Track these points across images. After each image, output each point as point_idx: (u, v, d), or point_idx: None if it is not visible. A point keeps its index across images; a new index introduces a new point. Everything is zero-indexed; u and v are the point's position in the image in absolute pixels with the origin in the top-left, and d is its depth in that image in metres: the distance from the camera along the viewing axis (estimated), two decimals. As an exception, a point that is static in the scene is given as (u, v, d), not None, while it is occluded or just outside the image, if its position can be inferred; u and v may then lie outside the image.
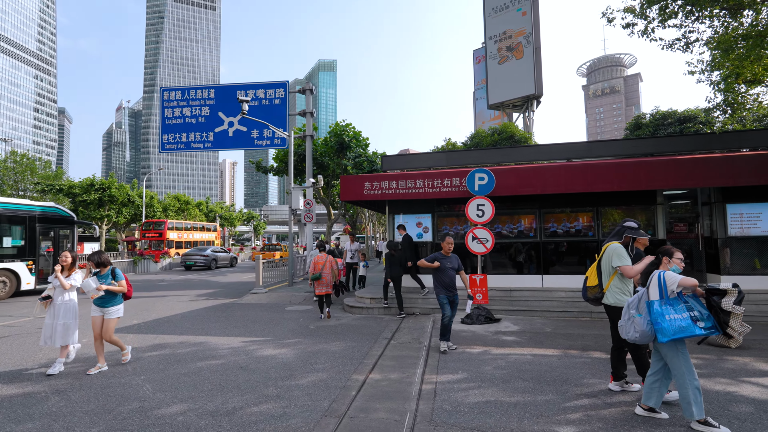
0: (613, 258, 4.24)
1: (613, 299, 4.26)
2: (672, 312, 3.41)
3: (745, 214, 8.37)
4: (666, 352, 3.51)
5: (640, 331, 3.52)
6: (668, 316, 3.38)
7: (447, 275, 6.03)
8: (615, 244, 4.34)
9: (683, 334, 3.31)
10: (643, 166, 8.42)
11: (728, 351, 5.65)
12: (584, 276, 4.66)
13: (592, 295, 4.52)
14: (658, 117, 17.33)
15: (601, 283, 4.39)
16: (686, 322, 3.35)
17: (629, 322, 3.68)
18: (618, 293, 4.24)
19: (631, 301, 3.74)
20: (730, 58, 7.96)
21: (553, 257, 9.39)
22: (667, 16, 9.10)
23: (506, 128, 19.54)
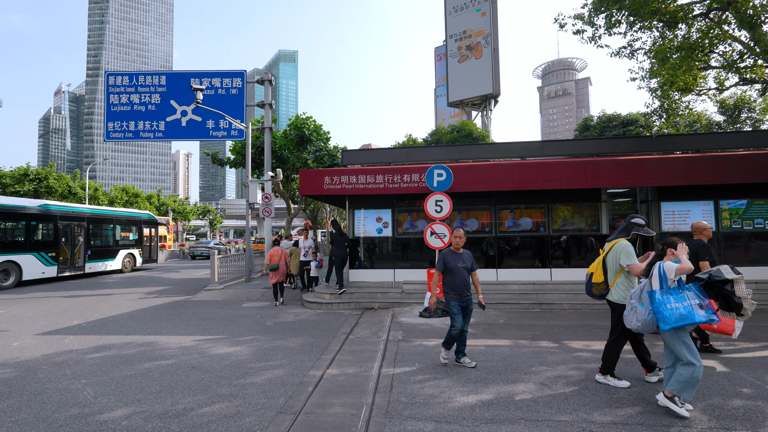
0: (621, 256, 4.26)
1: (618, 296, 4.30)
2: (673, 301, 3.53)
3: (677, 211, 9.13)
4: (669, 340, 3.63)
5: (642, 320, 3.66)
6: (669, 305, 3.51)
7: (459, 276, 5.00)
8: (623, 241, 4.34)
9: (684, 321, 3.43)
10: (589, 165, 8.94)
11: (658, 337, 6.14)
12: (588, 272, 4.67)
13: (597, 292, 4.53)
14: (605, 120, 18.47)
15: (606, 279, 4.42)
16: (687, 310, 3.46)
17: (632, 311, 3.80)
18: (624, 290, 4.27)
19: (634, 291, 3.87)
20: (665, 67, 8.60)
21: (507, 252, 9.78)
22: (612, 24, 9.69)
23: (465, 126, 20.02)
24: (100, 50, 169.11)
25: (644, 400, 3.90)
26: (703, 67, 9.15)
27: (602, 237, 9.54)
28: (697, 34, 8.81)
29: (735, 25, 8.32)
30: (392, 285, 9.75)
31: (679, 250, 3.70)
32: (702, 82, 9.58)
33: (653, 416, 3.57)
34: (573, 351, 5.55)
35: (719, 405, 3.78)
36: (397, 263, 9.97)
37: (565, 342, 6.00)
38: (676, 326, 3.46)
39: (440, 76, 45.09)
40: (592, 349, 5.60)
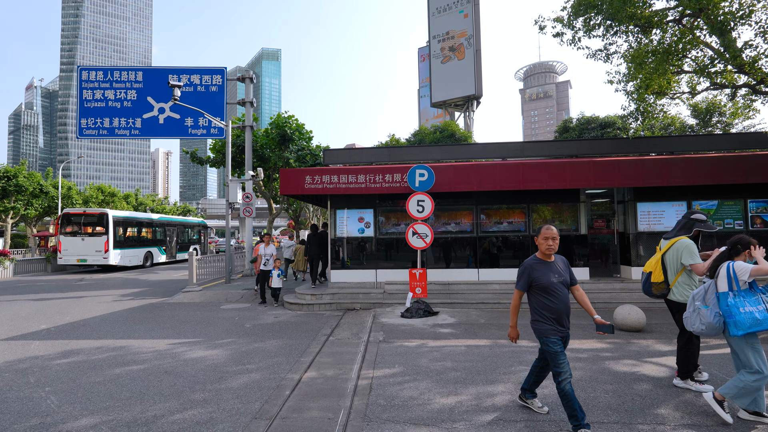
0: (684, 254, 4.10)
1: (681, 296, 4.16)
2: (747, 304, 3.26)
3: (652, 212, 9.35)
4: (738, 346, 3.35)
5: (707, 324, 3.39)
6: (742, 309, 3.25)
7: (557, 296, 3.40)
8: (685, 239, 4.18)
9: (759, 327, 3.17)
10: (568, 166, 9.08)
11: (634, 335, 6.27)
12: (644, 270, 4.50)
13: (658, 292, 4.33)
14: (583, 122, 18.86)
15: (667, 278, 4.24)
16: (762, 314, 3.20)
17: (695, 313, 3.53)
18: (687, 289, 4.13)
19: (697, 292, 3.59)
20: (641, 71, 8.78)
21: (489, 252, 9.85)
22: (590, 27, 9.84)
23: (448, 126, 20.13)
24: (74, 45, 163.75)
25: (620, 398, 3.95)
26: (676, 71, 9.37)
27: (583, 236, 9.70)
28: (671, 39, 9.02)
29: (706, 31, 8.55)
30: (374, 285, 9.69)
31: (757, 251, 3.41)
32: (676, 86, 9.81)
33: (629, 415, 3.62)
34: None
35: (690, 401, 3.85)
36: (380, 263, 9.92)
37: (544, 341, 6.05)
38: (750, 331, 3.20)
39: (424, 76, 45.32)
40: (570, 348, 5.60)
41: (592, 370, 4.76)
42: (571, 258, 9.60)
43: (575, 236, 9.70)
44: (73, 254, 19.18)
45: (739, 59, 7.97)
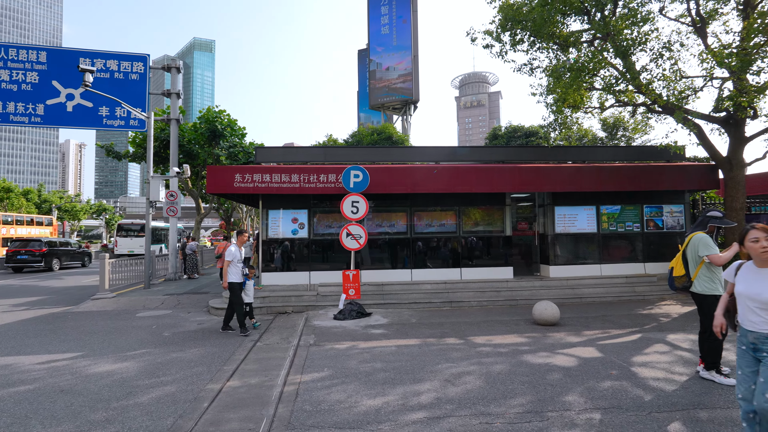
0: (699, 247, 4.40)
1: (701, 287, 4.41)
2: None
3: (567, 215, 10.20)
4: None
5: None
6: None
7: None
8: (700, 234, 4.49)
9: None
10: (496, 171, 9.60)
11: (550, 329, 6.77)
12: (669, 266, 4.81)
13: (680, 285, 4.61)
14: (510, 130, 20.17)
15: (688, 272, 4.52)
16: None
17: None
18: (707, 281, 4.38)
19: None
20: (559, 85, 9.54)
21: (421, 253, 10.08)
22: (516, 42, 10.51)
23: (386, 129, 20.39)
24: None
25: (534, 389, 4.21)
26: (588, 87, 10.33)
27: (508, 238, 10.30)
28: (585, 58, 9.92)
29: (612, 53, 9.54)
30: (308, 288, 9.48)
31: None
32: (588, 101, 10.81)
33: (541, 404, 3.87)
34: (476, 346, 5.85)
35: (593, 387, 4.23)
36: (313, 265, 9.72)
37: (470, 338, 6.31)
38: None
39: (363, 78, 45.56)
40: (493, 344, 5.96)
41: (511, 363, 5.04)
42: (498, 258, 10.15)
43: (502, 237, 10.27)
44: None
45: (637, 81, 8.98)
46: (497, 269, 10.02)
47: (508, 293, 9.33)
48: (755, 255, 2.83)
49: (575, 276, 9.95)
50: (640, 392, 4.08)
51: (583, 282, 9.76)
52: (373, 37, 32.29)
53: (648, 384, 4.30)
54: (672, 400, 3.90)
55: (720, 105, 8.73)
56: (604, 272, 10.05)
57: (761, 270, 2.82)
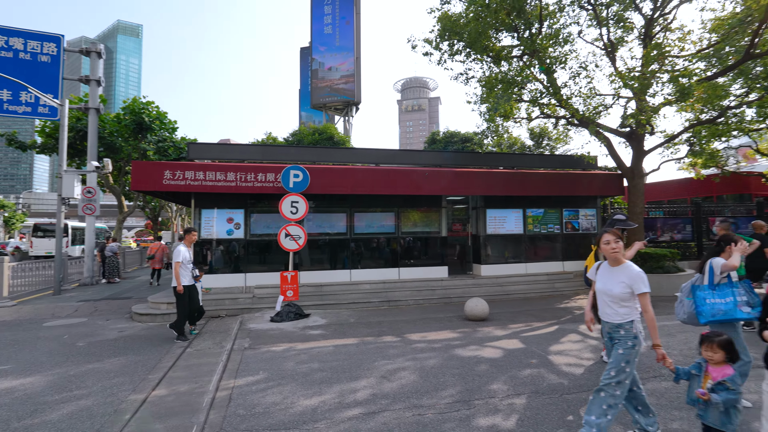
0: None
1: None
2: (713, 297, 3.51)
3: (497, 217, 10.90)
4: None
5: (688, 313, 3.68)
6: (708, 300, 3.51)
7: None
8: None
9: (722, 317, 3.42)
10: (433, 174, 9.99)
11: (480, 323, 7.21)
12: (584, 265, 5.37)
13: None
14: (448, 135, 21.07)
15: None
16: (728, 306, 3.43)
17: (680, 304, 3.80)
18: None
19: (684, 286, 3.86)
20: (491, 96, 10.18)
21: (360, 253, 10.20)
22: (454, 52, 11.02)
23: (327, 129, 20.27)
24: None
25: (464, 380, 4.49)
26: (518, 99, 11.14)
27: (443, 239, 10.75)
28: (515, 72, 10.70)
29: (538, 69, 10.40)
30: (243, 290, 9.16)
31: (734, 248, 3.80)
32: (517, 111, 11.65)
33: (469, 393, 4.13)
34: (412, 343, 6.07)
35: (515, 375, 4.61)
36: (250, 267, 9.41)
37: (407, 335, 6.53)
38: (713, 321, 3.47)
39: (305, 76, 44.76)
40: (427, 340, 6.22)
41: (444, 357, 5.31)
42: (434, 258, 10.57)
43: (438, 238, 10.71)
44: None
45: (558, 95, 9.86)
46: (433, 269, 10.43)
47: (442, 291, 9.76)
48: (607, 255, 3.20)
49: (504, 274, 10.67)
50: (555, 377, 4.53)
51: (511, 279, 10.49)
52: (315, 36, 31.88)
53: (561, 370, 4.78)
54: (580, 382, 4.37)
55: (625, 121, 9.87)
56: (528, 270, 10.88)
57: (613, 269, 3.20)
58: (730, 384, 2.54)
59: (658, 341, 2.97)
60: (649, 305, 2.99)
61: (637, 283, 3.01)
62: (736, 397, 2.54)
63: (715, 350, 2.65)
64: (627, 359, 2.98)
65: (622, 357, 2.99)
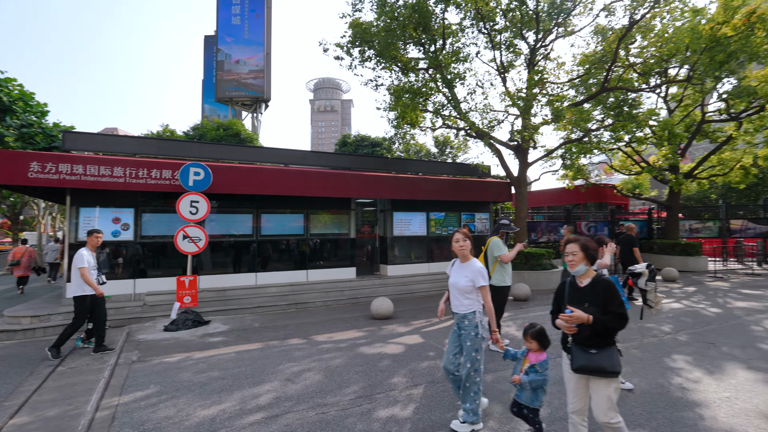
0: (494, 249, 5.56)
1: (496, 280, 5.56)
2: None
3: (403, 220, 11.48)
4: None
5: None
6: None
7: None
8: (495, 238, 5.70)
9: None
10: (342, 177, 10.14)
11: (385, 322, 7.54)
12: None
13: None
14: (359, 139, 21.47)
15: (488, 268, 5.54)
16: None
17: None
18: (499, 275, 5.58)
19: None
20: (399, 104, 10.71)
21: (268, 255, 9.91)
22: (365, 59, 11.35)
23: (233, 125, 19.19)
24: None
25: (367, 376, 4.69)
26: (423, 109, 11.90)
27: (352, 240, 10.96)
28: (421, 83, 11.40)
29: (441, 83, 11.23)
30: (132, 298, 8.27)
31: (605, 249, 4.51)
32: (423, 120, 12.43)
33: (372, 388, 4.34)
34: (318, 344, 6.12)
35: (415, 368, 4.95)
36: (140, 272, 8.53)
37: (313, 337, 6.56)
38: None
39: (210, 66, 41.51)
40: (334, 340, 6.33)
41: (349, 356, 5.47)
42: (343, 259, 10.73)
43: (347, 240, 10.89)
44: None
45: (458, 109, 10.76)
46: (342, 270, 10.59)
47: (351, 292, 9.95)
48: (456, 251, 3.57)
49: (409, 274, 11.26)
50: (449, 367, 4.98)
51: (415, 279, 11.12)
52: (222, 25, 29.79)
53: (455, 360, 5.26)
54: (470, 369, 4.87)
55: (513, 136, 11.15)
56: (431, 270, 11.65)
57: (462, 265, 3.57)
58: (539, 368, 3.02)
59: (495, 327, 3.51)
60: (488, 296, 3.44)
61: (477, 277, 3.41)
62: (543, 378, 3.01)
63: (530, 340, 3.13)
64: (476, 348, 3.38)
65: (471, 347, 3.38)
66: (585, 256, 2.84)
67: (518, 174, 11.84)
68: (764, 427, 3.42)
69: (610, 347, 2.64)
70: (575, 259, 2.84)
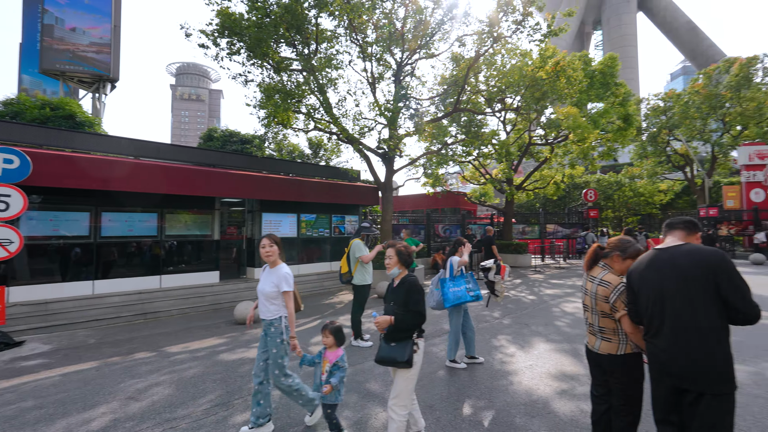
0: (356, 251, 5.91)
1: (357, 280, 5.96)
2: (453, 286, 4.74)
3: (273, 221, 11.24)
4: (450, 313, 4.93)
5: (437, 301, 4.71)
6: (450, 289, 4.71)
7: None
8: (357, 240, 6.05)
9: (459, 301, 4.67)
10: (206, 174, 9.43)
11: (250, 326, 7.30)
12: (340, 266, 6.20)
13: (345, 279, 6.04)
14: (227, 134, 20.09)
15: (350, 269, 5.95)
16: (462, 292, 4.70)
17: (431, 295, 4.76)
18: (360, 275, 5.97)
19: (434, 279, 4.89)
20: (270, 103, 10.46)
21: (110, 260, 8.61)
22: (234, 51, 10.76)
23: (66, 104, 15.95)
24: None
25: (225, 384, 4.52)
26: (296, 110, 11.82)
27: (216, 242, 10.25)
28: (294, 84, 11.31)
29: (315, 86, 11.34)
30: None
31: (464, 248, 4.99)
32: (296, 121, 12.34)
33: (229, 395, 4.21)
34: (171, 356, 5.62)
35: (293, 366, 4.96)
36: None
37: (165, 348, 5.99)
38: (454, 304, 4.68)
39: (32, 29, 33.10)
40: (190, 350, 5.89)
41: (206, 365, 5.17)
42: (205, 263, 9.96)
43: (210, 242, 10.14)
44: None
45: (330, 113, 11.04)
46: (203, 274, 9.82)
47: (213, 297, 9.32)
48: (263, 258, 3.47)
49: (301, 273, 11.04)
50: (311, 365, 5.13)
51: (285, 281, 10.96)
52: (51, -20, 24.19)
53: (318, 357, 5.44)
54: (331, 365, 5.11)
55: (380, 144, 11.93)
56: (300, 271, 11.65)
57: (270, 270, 3.48)
58: (341, 363, 3.13)
59: (292, 333, 3.42)
60: (290, 302, 3.40)
61: (281, 282, 3.37)
62: (345, 373, 3.14)
63: (327, 335, 3.22)
64: (282, 354, 3.38)
65: (277, 354, 3.36)
66: (399, 260, 3.03)
67: (385, 180, 12.70)
68: (551, 383, 4.45)
69: (406, 341, 2.84)
70: (390, 262, 3.05)
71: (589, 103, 16.20)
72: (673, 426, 2.22)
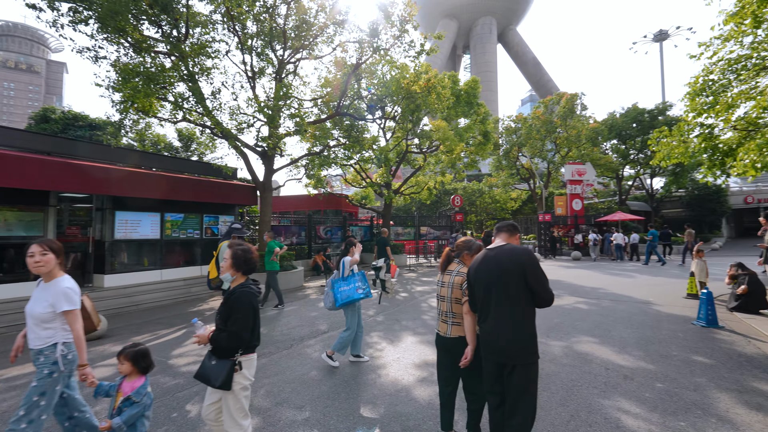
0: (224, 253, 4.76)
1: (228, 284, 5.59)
2: (343, 285, 4.88)
3: (130, 220, 9.86)
4: (345, 312, 4.99)
5: (331, 301, 4.83)
6: (340, 288, 4.85)
7: None
8: (225, 243, 5.78)
9: (348, 299, 4.79)
10: (37, 163, 7.81)
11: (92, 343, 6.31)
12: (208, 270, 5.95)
13: (214, 284, 5.84)
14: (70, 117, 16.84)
15: (219, 274, 5.63)
16: (351, 291, 4.83)
17: (326, 296, 4.93)
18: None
19: (328, 280, 5.02)
20: (127, 86, 9.15)
21: None
22: (79, 20, 9.14)
23: None
24: None
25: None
26: (161, 97, 10.54)
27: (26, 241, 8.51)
28: (158, 68, 10.06)
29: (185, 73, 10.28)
30: None
31: (355, 248, 5.10)
32: (161, 110, 11.00)
33: (59, 424, 3.59)
34: None
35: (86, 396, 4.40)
36: None
37: (-32, 379, 4.78)
38: (344, 303, 4.79)
39: None
40: (4, 378, 4.82)
41: (29, 393, 4.30)
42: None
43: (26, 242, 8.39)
44: None
45: (203, 105, 10.17)
46: (22, 285, 8.01)
47: (44, 312, 7.73)
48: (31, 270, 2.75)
49: (134, 283, 9.74)
50: (171, 379, 4.70)
51: (142, 288, 9.72)
52: None
53: (180, 371, 5.00)
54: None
55: (259, 142, 11.46)
56: (164, 277, 10.46)
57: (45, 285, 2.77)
58: (134, 397, 2.51)
59: (84, 361, 2.77)
60: (75, 324, 2.72)
61: (59, 300, 2.69)
62: (140, 409, 2.53)
63: (122, 361, 2.60)
64: (42, 390, 2.61)
65: (35, 390, 2.60)
66: (233, 263, 2.70)
67: (264, 179, 12.22)
68: (415, 372, 4.88)
69: (225, 360, 2.51)
70: (224, 265, 2.73)
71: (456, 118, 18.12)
72: (499, 395, 2.70)
